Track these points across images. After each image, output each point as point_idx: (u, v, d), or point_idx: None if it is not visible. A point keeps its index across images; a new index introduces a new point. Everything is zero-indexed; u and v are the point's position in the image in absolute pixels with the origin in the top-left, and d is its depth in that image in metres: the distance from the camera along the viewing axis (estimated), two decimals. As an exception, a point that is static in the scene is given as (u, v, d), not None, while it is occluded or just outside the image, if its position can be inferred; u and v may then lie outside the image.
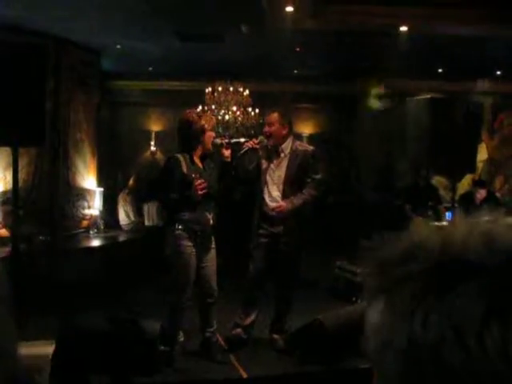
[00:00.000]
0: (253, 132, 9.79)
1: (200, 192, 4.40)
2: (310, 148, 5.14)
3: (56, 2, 6.46)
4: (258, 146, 4.90)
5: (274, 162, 5.01)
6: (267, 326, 5.21)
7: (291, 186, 4.95)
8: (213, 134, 4.71)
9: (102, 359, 3.54)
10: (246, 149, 4.86)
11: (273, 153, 5.00)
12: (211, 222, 4.64)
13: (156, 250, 7.56)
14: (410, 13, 6.69)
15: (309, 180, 4.99)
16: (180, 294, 4.54)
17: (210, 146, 4.67)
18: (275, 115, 4.99)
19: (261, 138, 4.96)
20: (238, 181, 5.13)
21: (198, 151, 4.65)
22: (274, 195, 4.95)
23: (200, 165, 4.65)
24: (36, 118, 4.06)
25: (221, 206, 4.86)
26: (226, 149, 4.74)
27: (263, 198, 4.97)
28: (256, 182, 5.02)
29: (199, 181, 4.42)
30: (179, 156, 4.58)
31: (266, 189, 4.98)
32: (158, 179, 4.98)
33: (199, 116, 4.73)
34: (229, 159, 4.75)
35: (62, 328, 3.60)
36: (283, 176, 4.95)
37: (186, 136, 4.66)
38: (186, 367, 4.56)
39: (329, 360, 4.31)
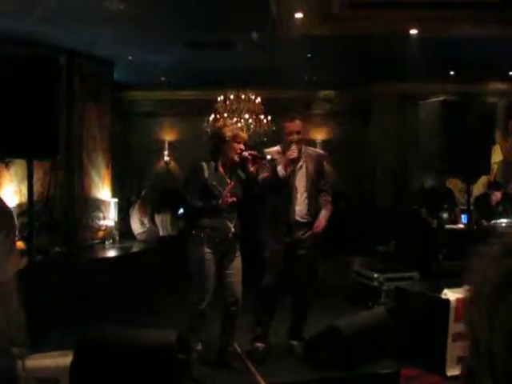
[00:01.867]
0: (265, 139, 9.80)
1: (228, 199, 4.42)
2: (323, 152, 5.16)
3: (68, 15, 6.51)
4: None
5: (295, 167, 5.03)
6: (284, 333, 5.20)
7: (312, 189, 4.99)
8: (239, 145, 4.65)
9: (120, 369, 3.54)
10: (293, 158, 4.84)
11: (294, 159, 5.00)
12: (232, 229, 4.61)
13: (171, 259, 7.61)
14: (420, 16, 6.67)
15: (324, 187, 5.06)
16: (199, 300, 4.54)
17: (232, 156, 4.64)
18: (299, 122, 5.02)
19: (293, 146, 4.92)
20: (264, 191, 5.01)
21: (222, 160, 4.67)
22: (299, 200, 4.95)
23: (224, 174, 4.66)
24: (50, 130, 4.09)
25: (243, 217, 4.82)
26: (253, 163, 4.67)
27: (289, 204, 4.95)
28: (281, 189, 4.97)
29: (228, 188, 4.46)
30: (203, 163, 4.63)
31: (292, 194, 4.97)
32: (182, 185, 5.01)
33: (224, 126, 4.77)
34: (253, 173, 4.69)
35: (79, 338, 3.61)
36: (305, 180, 4.97)
37: (211, 145, 4.75)
38: (204, 376, 4.55)
39: (346, 366, 4.28)
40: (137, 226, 8.83)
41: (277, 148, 5.04)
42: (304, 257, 4.99)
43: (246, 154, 4.68)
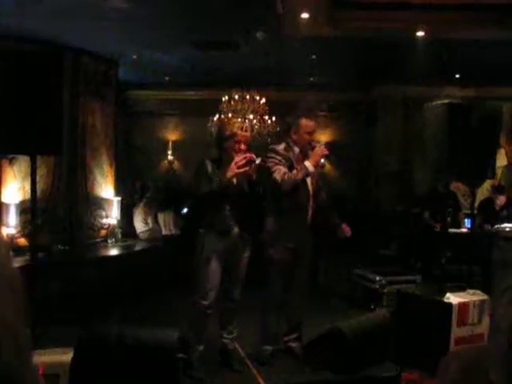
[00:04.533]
0: (269, 140, 9.79)
1: (235, 169, 4.31)
2: None
3: (73, 13, 6.51)
4: None
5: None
6: (283, 334, 5.18)
7: (317, 189, 4.96)
8: (238, 144, 4.51)
9: (120, 367, 3.53)
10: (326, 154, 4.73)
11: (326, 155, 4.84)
12: (235, 228, 4.55)
13: (173, 257, 7.61)
14: (426, 18, 6.65)
15: (321, 184, 5.08)
16: (202, 299, 4.51)
17: (231, 154, 4.50)
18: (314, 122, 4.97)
19: (316, 143, 4.87)
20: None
21: (224, 158, 4.55)
22: (311, 201, 4.92)
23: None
24: (54, 127, 4.08)
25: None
26: (248, 168, 4.44)
27: (307, 204, 4.89)
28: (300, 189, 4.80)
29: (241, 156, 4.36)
30: (207, 160, 4.57)
31: (309, 195, 4.92)
32: (192, 180, 4.88)
33: (226, 123, 4.66)
34: (251, 177, 4.52)
35: (80, 336, 3.60)
36: (310, 180, 4.90)
37: (214, 142, 4.71)
38: (203, 375, 4.54)
39: (347, 368, 4.26)
40: (140, 224, 8.83)
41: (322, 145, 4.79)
42: (306, 258, 4.97)
43: (235, 169, 4.39)
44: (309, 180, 4.86)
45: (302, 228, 4.88)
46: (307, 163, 4.66)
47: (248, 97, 10.15)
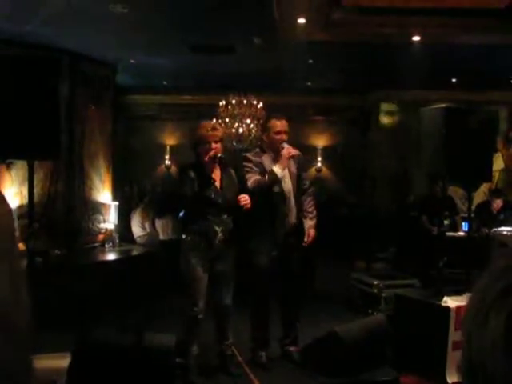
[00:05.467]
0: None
1: (211, 153, 4.35)
2: (299, 152, 5.00)
3: (71, 18, 6.52)
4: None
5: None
6: (280, 338, 5.17)
7: (297, 191, 4.93)
8: (212, 145, 4.44)
9: (118, 372, 3.53)
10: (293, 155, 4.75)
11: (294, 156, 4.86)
12: (220, 234, 4.50)
13: (170, 262, 7.59)
14: (422, 22, 6.67)
15: (305, 186, 5.04)
16: (191, 306, 4.50)
17: (204, 156, 4.45)
18: (286, 122, 4.92)
19: (286, 144, 4.84)
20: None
21: (203, 161, 4.50)
22: (290, 203, 4.89)
23: (211, 175, 4.51)
24: (51, 132, 4.08)
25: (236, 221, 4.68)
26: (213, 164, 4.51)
27: (285, 208, 4.85)
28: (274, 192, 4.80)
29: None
30: (189, 166, 4.55)
31: (285, 197, 4.88)
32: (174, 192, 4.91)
33: (198, 127, 4.58)
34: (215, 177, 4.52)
35: (77, 341, 3.60)
36: (290, 182, 4.87)
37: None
38: (201, 380, 4.53)
39: (345, 372, 4.26)
40: (137, 229, 8.82)
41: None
42: (294, 261, 4.95)
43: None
44: (287, 184, 4.84)
45: (283, 234, 4.85)
46: (275, 168, 4.66)
47: (245, 101, 10.16)
